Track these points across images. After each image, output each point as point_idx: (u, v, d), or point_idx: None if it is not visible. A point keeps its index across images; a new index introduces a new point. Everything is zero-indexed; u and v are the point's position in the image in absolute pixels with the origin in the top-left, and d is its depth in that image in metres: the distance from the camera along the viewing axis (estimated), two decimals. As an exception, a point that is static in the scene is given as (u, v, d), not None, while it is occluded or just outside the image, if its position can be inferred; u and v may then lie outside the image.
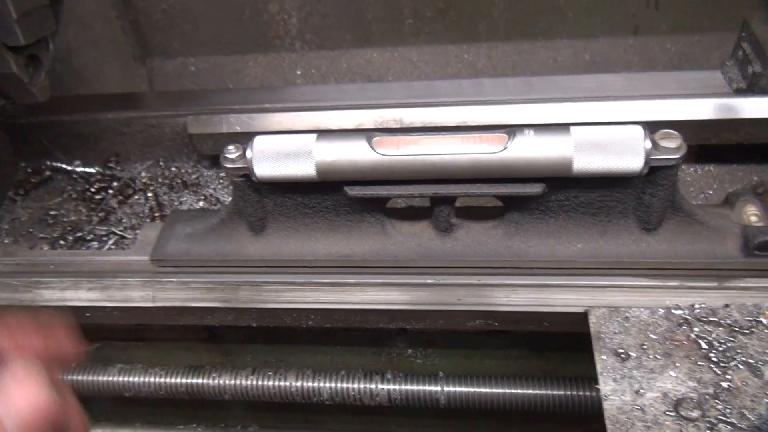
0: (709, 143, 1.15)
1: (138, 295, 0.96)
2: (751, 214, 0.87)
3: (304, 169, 0.86)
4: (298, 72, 2.08)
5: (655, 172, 0.82)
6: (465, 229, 0.94)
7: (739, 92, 1.12)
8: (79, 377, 1.14)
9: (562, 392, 1.03)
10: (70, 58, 1.85)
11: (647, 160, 0.78)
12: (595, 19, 1.87)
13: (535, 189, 0.84)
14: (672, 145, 0.79)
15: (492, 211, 0.95)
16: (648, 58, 1.96)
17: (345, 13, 1.92)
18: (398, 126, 1.19)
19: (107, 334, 1.21)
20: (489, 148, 0.81)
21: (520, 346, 1.15)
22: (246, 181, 0.90)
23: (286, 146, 0.86)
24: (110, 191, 1.27)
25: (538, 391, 1.03)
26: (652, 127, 0.83)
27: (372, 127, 1.20)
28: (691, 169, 1.20)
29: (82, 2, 1.80)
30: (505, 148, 0.81)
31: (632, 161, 0.78)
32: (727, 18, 1.81)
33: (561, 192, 0.87)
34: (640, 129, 0.79)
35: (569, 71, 2.00)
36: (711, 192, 1.16)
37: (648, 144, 0.78)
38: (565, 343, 1.12)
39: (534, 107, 1.15)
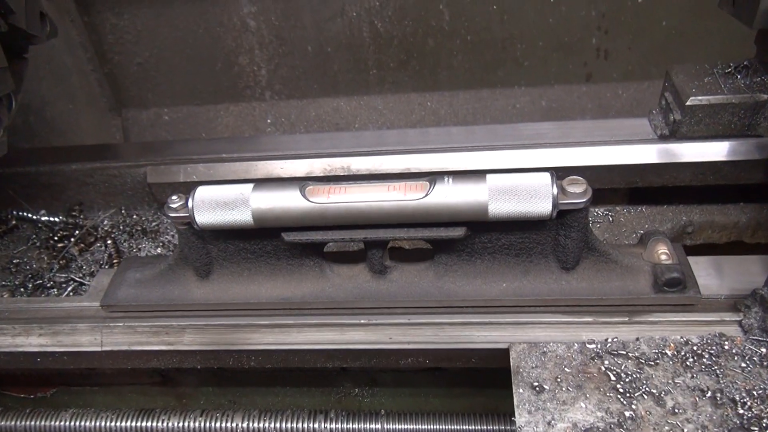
0: (637, 186, 1.22)
1: (86, 340, 1.01)
2: (662, 252, 0.93)
3: (242, 217, 0.91)
4: (269, 120, 2.16)
5: (565, 216, 0.88)
6: (398, 270, 0.99)
7: (663, 138, 1.20)
8: (32, 423, 1.17)
9: (499, 428, 1.07)
10: (44, 110, 1.92)
11: (555, 204, 0.84)
12: (549, 68, 1.97)
13: (457, 232, 0.90)
14: (578, 190, 0.85)
15: (423, 253, 1.00)
16: (601, 104, 2.06)
17: (312, 65, 2.02)
18: (346, 173, 1.26)
19: (62, 379, 1.24)
20: (412, 195, 0.87)
21: (463, 384, 1.19)
22: (189, 228, 0.96)
23: (225, 196, 0.92)
24: (72, 239, 1.31)
25: (475, 428, 1.07)
26: (566, 173, 0.90)
27: (321, 174, 1.27)
28: (624, 210, 1.27)
29: (58, 56, 1.88)
30: (427, 195, 0.87)
31: (541, 206, 0.84)
32: (673, 65, 1.92)
33: (484, 235, 0.93)
34: (548, 176, 0.86)
35: (527, 117, 2.10)
36: (642, 232, 1.22)
37: (555, 190, 0.84)
38: (505, 380, 1.16)
39: (472, 155, 1.22)
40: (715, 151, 1.16)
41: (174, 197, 0.94)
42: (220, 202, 0.91)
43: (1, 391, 1.26)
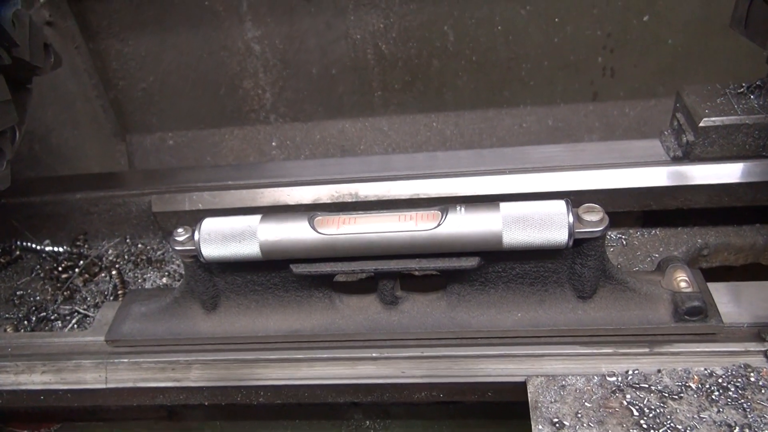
0: (651, 209, 1.20)
1: (91, 377, 0.98)
2: (681, 280, 0.90)
3: (249, 249, 0.89)
4: (274, 143, 2.15)
5: (582, 244, 0.85)
6: (410, 301, 0.97)
7: (676, 160, 1.18)
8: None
9: (516, 461, 1.04)
10: (49, 137, 1.92)
11: (571, 233, 0.82)
12: (555, 87, 1.96)
13: (471, 262, 0.87)
14: (595, 218, 0.83)
15: (435, 281, 0.98)
16: (608, 123, 2.04)
17: (317, 88, 2.01)
18: (353, 200, 1.24)
19: (67, 414, 1.22)
20: (424, 226, 0.85)
21: (478, 416, 1.16)
22: (195, 261, 0.94)
23: (232, 228, 0.90)
24: (77, 270, 1.29)
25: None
26: (581, 199, 0.87)
27: (329, 201, 1.25)
28: (638, 233, 1.24)
29: (62, 83, 1.88)
30: (439, 225, 0.85)
31: (557, 235, 0.82)
32: (680, 84, 1.91)
33: (498, 264, 0.90)
34: (563, 204, 0.83)
35: (534, 137, 2.08)
36: (657, 255, 1.20)
37: (571, 218, 0.82)
38: (522, 411, 1.13)
39: (482, 179, 1.20)
40: (730, 172, 1.14)
41: (180, 230, 0.92)
42: (227, 235, 0.89)
43: (3, 427, 1.23)
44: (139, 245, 1.36)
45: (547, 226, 0.82)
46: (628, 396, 0.82)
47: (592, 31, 1.85)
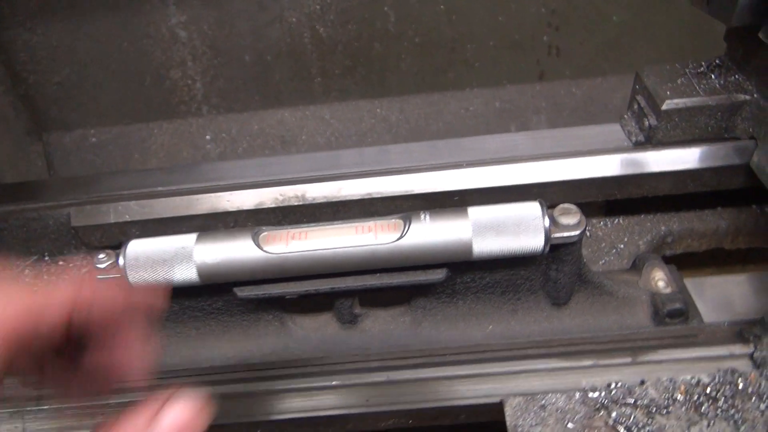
0: (615, 198, 1.14)
1: (5, 429, 0.85)
2: (659, 279, 0.85)
3: (185, 273, 0.78)
4: (208, 137, 2.00)
5: (558, 249, 0.78)
6: (371, 318, 0.88)
7: (639, 145, 1.12)
8: None
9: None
10: (-50, 142, 1.72)
11: (548, 239, 0.75)
12: (501, 67, 1.89)
13: (438, 275, 0.79)
14: (572, 221, 0.76)
15: (398, 295, 0.89)
16: (556, 102, 1.99)
17: (251, 75, 1.87)
18: (301, 203, 1.13)
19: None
20: (384, 238, 0.76)
21: None
22: (123, 290, 0.81)
23: (163, 250, 0.78)
24: (-13, 296, 1.14)
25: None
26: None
27: (273, 205, 1.13)
28: (601, 223, 1.19)
29: (-39, 81, 1.68)
30: (402, 236, 0.76)
31: (532, 241, 0.75)
32: (625, 61, 1.88)
33: (466, 274, 0.82)
34: (537, 206, 0.76)
35: (481, 119, 2.02)
36: (622, 246, 1.15)
37: (547, 222, 0.75)
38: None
39: (439, 174, 1.11)
40: (695, 157, 1.09)
41: (101, 255, 0.79)
42: (158, 259, 0.78)
43: None
44: (60, 263, 1.21)
45: (521, 231, 0.75)
46: (613, 413, 0.76)
47: (537, 8, 1.79)
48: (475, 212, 0.76)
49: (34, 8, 1.71)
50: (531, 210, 0.75)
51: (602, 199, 1.14)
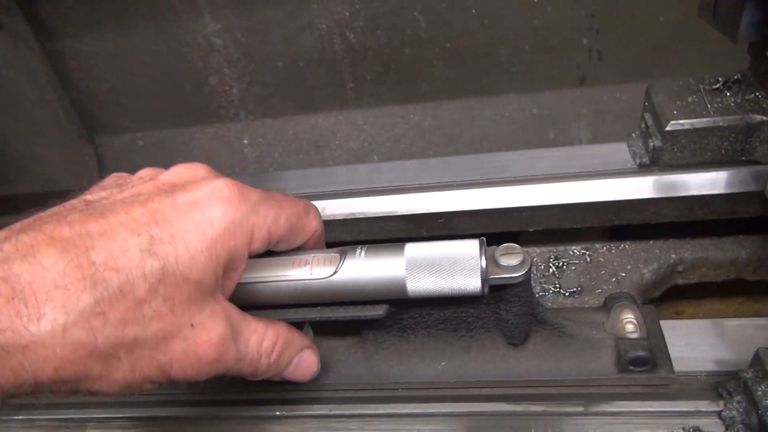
0: (614, 224, 1.07)
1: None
2: (627, 321, 0.78)
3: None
4: (245, 141, 2.05)
5: (502, 289, 0.73)
6: (324, 347, 0.87)
7: (643, 168, 1.04)
8: None
9: None
10: (5, 148, 1.85)
11: (485, 280, 0.70)
12: (538, 72, 1.81)
13: (378, 311, 0.76)
14: (513, 262, 0.71)
15: (350, 327, 0.87)
16: (598, 109, 1.88)
17: (285, 81, 1.89)
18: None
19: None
20: (319, 273, 0.74)
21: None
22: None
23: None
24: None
25: None
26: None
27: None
28: (604, 248, 1.11)
29: (17, 89, 1.80)
30: (336, 272, 0.74)
31: (468, 282, 0.70)
32: (675, 64, 1.75)
33: (412, 310, 0.79)
34: (476, 245, 0.72)
35: (518, 126, 1.94)
36: (624, 274, 1.07)
37: (484, 262, 0.70)
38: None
39: (424, 196, 1.08)
40: (703, 182, 1.00)
41: None
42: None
43: None
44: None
45: (456, 272, 0.71)
46: (555, 469, 0.70)
47: (575, 11, 1.69)
48: (412, 249, 0.73)
49: (84, 20, 1.81)
50: (468, 249, 0.71)
51: (599, 225, 1.07)
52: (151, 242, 0.60)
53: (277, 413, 0.84)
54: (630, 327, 0.78)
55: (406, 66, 1.84)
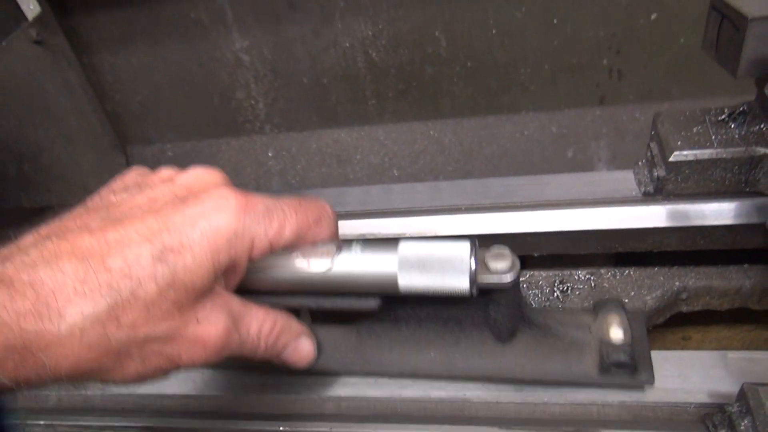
0: (617, 251, 1.09)
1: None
2: (613, 326, 0.80)
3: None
4: (270, 154, 2.12)
5: (490, 291, 0.77)
6: (322, 332, 0.91)
7: (647, 196, 1.06)
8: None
9: None
10: (41, 156, 1.94)
11: (473, 281, 0.73)
12: (558, 91, 1.83)
13: (370, 304, 0.81)
14: (502, 265, 0.74)
15: (345, 315, 0.91)
16: (617, 127, 1.89)
17: (309, 97, 1.95)
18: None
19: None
20: (316, 265, 0.79)
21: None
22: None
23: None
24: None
25: None
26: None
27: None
28: (609, 274, 1.13)
29: (55, 101, 1.89)
30: (331, 265, 0.78)
31: (456, 281, 0.74)
32: (696, 84, 1.75)
33: (405, 304, 0.84)
34: (467, 246, 0.75)
35: (537, 144, 1.96)
36: (626, 300, 1.09)
37: (473, 264, 0.73)
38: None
39: (432, 219, 1.12)
40: (706, 213, 1.02)
41: None
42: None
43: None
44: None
45: (446, 271, 0.74)
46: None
47: (595, 31, 1.71)
48: (405, 247, 0.76)
49: (119, 36, 1.89)
50: (459, 250, 0.74)
51: (602, 252, 1.09)
52: (163, 250, 0.67)
53: (281, 429, 0.88)
54: (615, 331, 0.80)
55: (427, 84, 1.88)
